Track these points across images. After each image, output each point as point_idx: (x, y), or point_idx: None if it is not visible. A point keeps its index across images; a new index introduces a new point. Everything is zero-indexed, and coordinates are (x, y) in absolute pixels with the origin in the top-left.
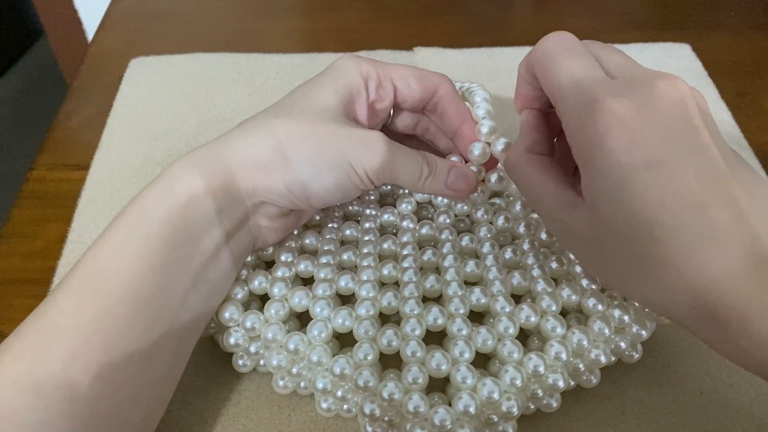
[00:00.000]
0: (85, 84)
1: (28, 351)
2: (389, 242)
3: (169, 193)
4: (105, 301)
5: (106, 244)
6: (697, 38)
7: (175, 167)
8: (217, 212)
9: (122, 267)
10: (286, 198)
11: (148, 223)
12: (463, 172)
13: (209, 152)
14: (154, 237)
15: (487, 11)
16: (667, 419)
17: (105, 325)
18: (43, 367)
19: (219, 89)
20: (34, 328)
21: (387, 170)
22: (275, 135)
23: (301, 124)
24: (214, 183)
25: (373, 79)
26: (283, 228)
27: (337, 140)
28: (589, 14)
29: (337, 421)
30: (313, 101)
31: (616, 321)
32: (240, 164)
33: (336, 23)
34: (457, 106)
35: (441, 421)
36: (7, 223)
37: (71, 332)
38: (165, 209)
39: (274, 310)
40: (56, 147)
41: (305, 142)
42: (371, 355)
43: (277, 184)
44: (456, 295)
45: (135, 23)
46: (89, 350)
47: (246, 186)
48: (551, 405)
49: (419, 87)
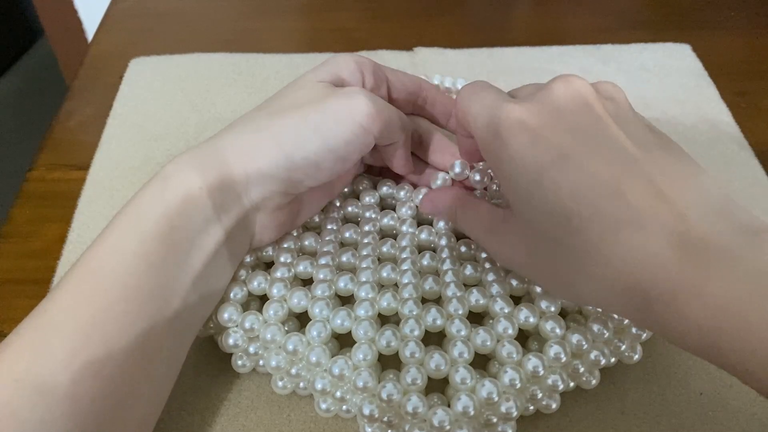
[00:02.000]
0: (85, 84)
1: (28, 350)
2: (388, 245)
3: (163, 190)
4: (104, 299)
5: (103, 243)
6: (697, 38)
7: (169, 166)
8: (213, 209)
9: (119, 265)
10: (279, 179)
11: (143, 221)
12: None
13: (201, 150)
14: (150, 235)
15: (487, 11)
16: (667, 419)
17: (105, 323)
18: (44, 366)
19: (219, 89)
20: (34, 327)
21: (374, 114)
22: (267, 121)
23: (293, 105)
24: (209, 178)
25: (367, 66)
26: (280, 224)
27: (317, 102)
28: (589, 14)
29: (337, 422)
30: (304, 87)
31: (615, 322)
32: (231, 155)
33: (336, 23)
34: (442, 94)
35: (440, 421)
36: (7, 223)
37: (71, 330)
38: (161, 207)
39: (273, 311)
40: (56, 147)
41: (289, 116)
42: (370, 355)
43: (267, 163)
44: (455, 296)
45: (135, 23)
46: (89, 348)
47: (239, 175)
48: (550, 406)
49: (409, 80)
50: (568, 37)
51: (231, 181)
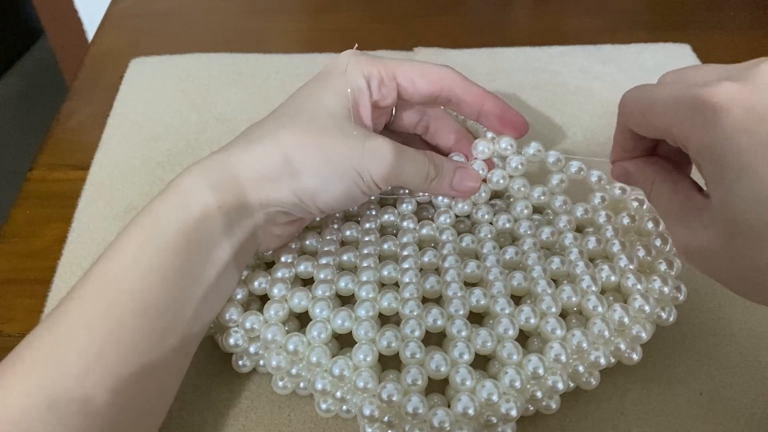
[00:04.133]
0: (85, 84)
1: (41, 364)
2: (389, 243)
3: (182, 206)
4: (119, 314)
5: (119, 256)
6: (697, 38)
7: (186, 179)
8: (229, 225)
9: (136, 279)
10: (297, 207)
11: (161, 235)
12: (469, 172)
13: (220, 165)
14: (168, 250)
15: (487, 11)
16: (667, 419)
17: (119, 338)
18: (57, 382)
19: (219, 89)
20: (47, 341)
21: (393, 176)
22: (282, 147)
23: (307, 136)
24: (227, 197)
25: (375, 78)
26: (288, 234)
27: (344, 151)
28: (589, 14)
29: (337, 422)
30: (316, 107)
31: (615, 323)
32: (251, 179)
33: (336, 23)
34: (470, 90)
35: (440, 422)
36: (7, 223)
37: (85, 345)
38: (179, 222)
39: (273, 311)
40: (56, 147)
41: (313, 154)
42: (370, 356)
43: (288, 195)
44: (456, 296)
45: (135, 23)
46: (103, 364)
47: (257, 199)
48: (550, 406)
49: (425, 83)
50: (568, 37)
51: (247, 201)
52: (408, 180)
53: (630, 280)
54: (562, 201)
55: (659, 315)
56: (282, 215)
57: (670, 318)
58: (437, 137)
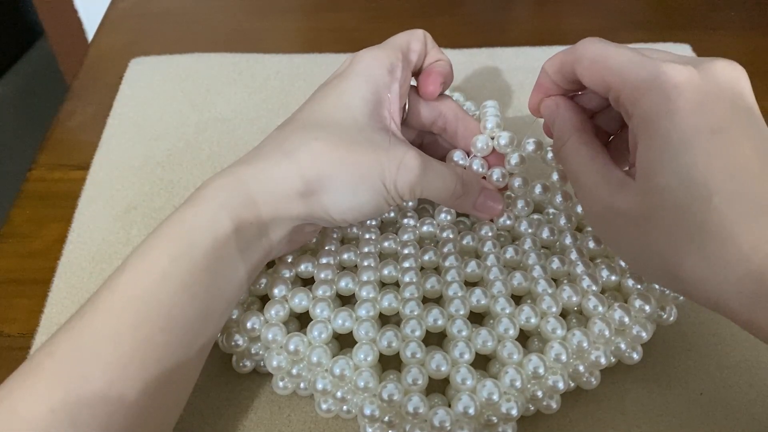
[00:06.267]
0: (85, 84)
1: (65, 377)
2: (390, 241)
3: (216, 220)
4: (147, 330)
5: (149, 269)
6: (697, 38)
7: (220, 192)
8: (257, 238)
9: (166, 295)
10: (323, 221)
11: (194, 252)
12: (494, 195)
13: (254, 179)
14: (199, 267)
15: (487, 11)
16: (667, 419)
17: (144, 353)
18: (82, 398)
19: (219, 89)
20: (72, 353)
21: (419, 189)
22: (317, 161)
23: (340, 150)
24: (260, 212)
25: (398, 64)
26: (299, 242)
27: (374, 165)
28: (589, 14)
29: (337, 422)
30: (344, 115)
31: (616, 322)
32: (284, 195)
33: (336, 23)
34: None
35: (440, 422)
36: (7, 223)
37: (111, 360)
38: (211, 238)
39: (274, 311)
40: (56, 147)
41: (338, 169)
42: (371, 356)
43: (317, 209)
44: (456, 296)
45: (135, 23)
46: (126, 378)
47: (288, 212)
48: (551, 406)
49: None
50: (568, 37)
51: (277, 216)
52: (434, 194)
53: (630, 280)
54: (563, 197)
55: (660, 314)
56: (307, 226)
57: (670, 318)
58: (456, 140)
